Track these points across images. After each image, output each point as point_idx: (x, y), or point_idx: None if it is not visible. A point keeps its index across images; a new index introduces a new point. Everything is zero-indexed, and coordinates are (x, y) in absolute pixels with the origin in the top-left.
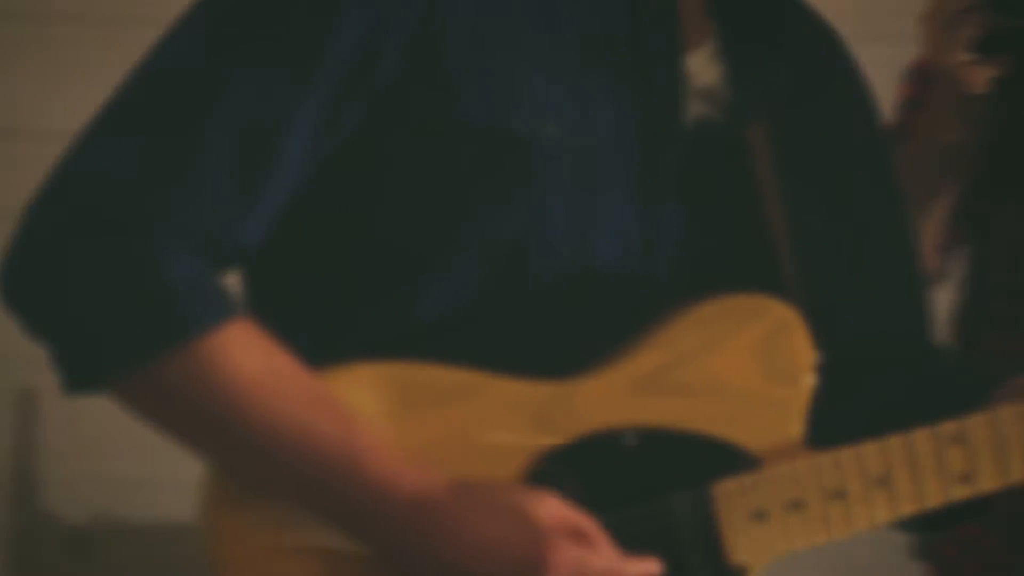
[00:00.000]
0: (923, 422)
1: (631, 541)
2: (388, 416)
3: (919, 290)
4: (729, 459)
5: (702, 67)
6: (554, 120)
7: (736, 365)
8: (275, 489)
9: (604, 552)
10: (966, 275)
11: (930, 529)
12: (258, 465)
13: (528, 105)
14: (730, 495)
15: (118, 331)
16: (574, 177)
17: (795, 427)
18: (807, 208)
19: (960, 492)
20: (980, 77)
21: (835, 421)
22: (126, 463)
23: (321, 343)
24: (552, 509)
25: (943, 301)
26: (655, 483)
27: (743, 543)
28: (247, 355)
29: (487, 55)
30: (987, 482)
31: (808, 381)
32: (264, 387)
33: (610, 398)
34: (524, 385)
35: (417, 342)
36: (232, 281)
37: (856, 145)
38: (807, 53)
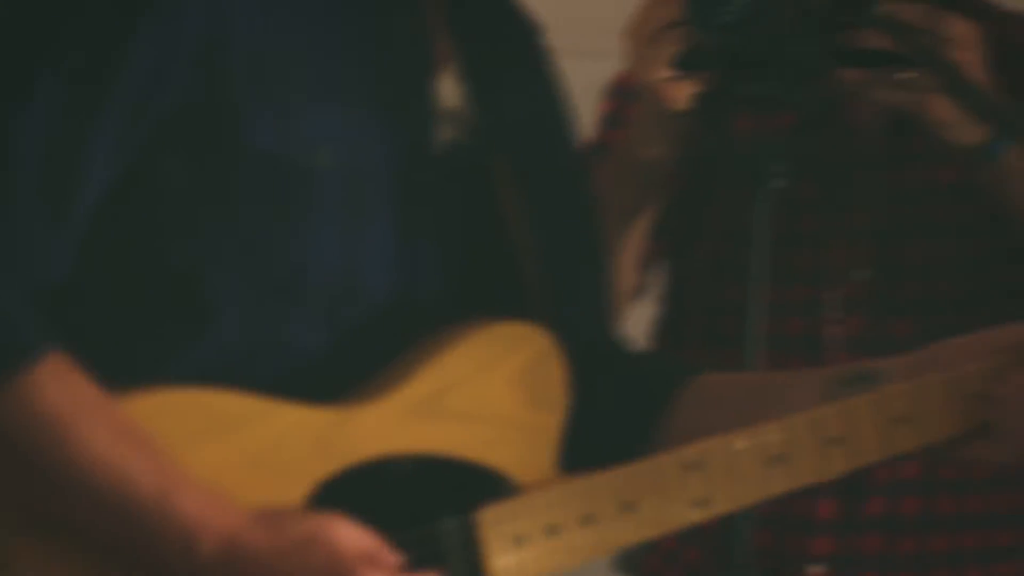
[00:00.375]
0: (627, 426)
1: (402, 568)
2: (178, 444)
3: (607, 296)
4: (494, 485)
5: (449, 89)
6: (328, 148)
7: (502, 392)
8: (81, 524)
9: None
10: (667, 291)
11: None
12: (68, 500)
13: (305, 133)
14: (492, 521)
15: None
16: (344, 205)
17: (553, 452)
18: (543, 225)
19: (698, 516)
20: (681, 93)
21: (577, 438)
22: None
23: (115, 371)
24: (352, 536)
25: (643, 316)
26: (427, 510)
27: (505, 568)
28: (64, 389)
29: (268, 83)
30: (722, 506)
31: (564, 407)
32: (81, 422)
33: (385, 425)
34: (306, 411)
35: (205, 368)
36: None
37: (565, 156)
38: (533, 72)
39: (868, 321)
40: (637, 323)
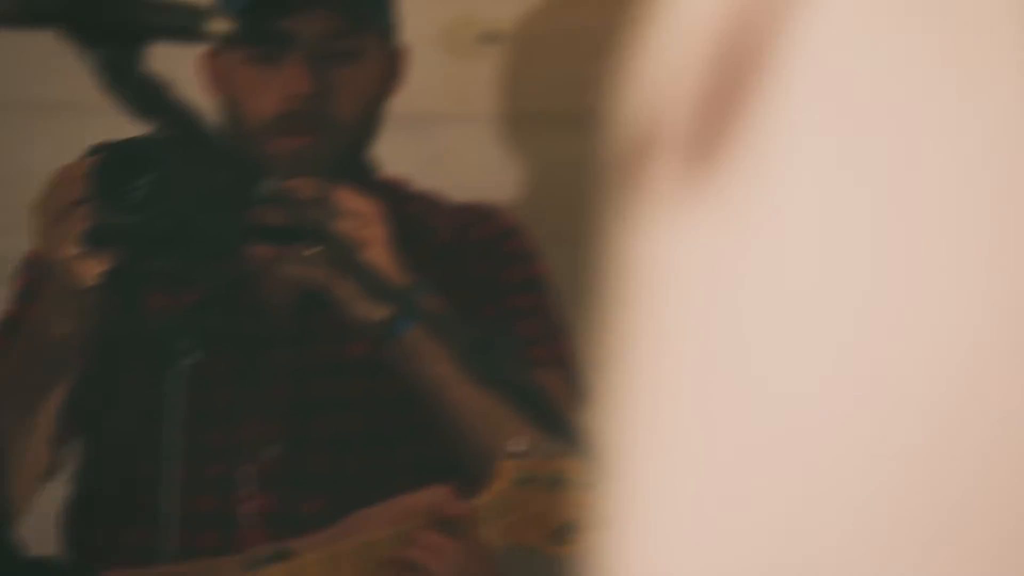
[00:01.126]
0: None
1: None
2: None
3: None
4: None
5: None
6: None
7: None
8: None
9: None
10: (80, 468)
11: None
12: None
13: None
14: None
15: None
16: None
17: None
18: None
19: None
20: (90, 270)
21: None
22: None
23: None
24: None
25: (56, 495)
26: None
27: None
28: None
29: None
30: None
31: None
32: None
33: None
34: None
35: None
36: None
37: None
38: None
39: (281, 497)
40: (51, 502)
